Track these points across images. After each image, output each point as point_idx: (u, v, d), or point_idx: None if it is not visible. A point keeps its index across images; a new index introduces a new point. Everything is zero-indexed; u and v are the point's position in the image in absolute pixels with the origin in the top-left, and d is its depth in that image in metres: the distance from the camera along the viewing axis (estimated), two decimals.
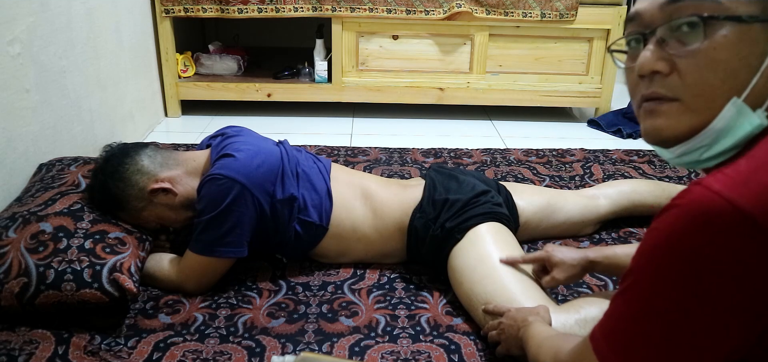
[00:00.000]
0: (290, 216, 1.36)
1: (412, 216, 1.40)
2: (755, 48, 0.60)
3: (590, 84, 2.71)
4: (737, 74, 0.60)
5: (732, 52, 0.60)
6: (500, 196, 1.46)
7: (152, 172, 1.31)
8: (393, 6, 2.51)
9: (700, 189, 0.56)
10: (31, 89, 1.58)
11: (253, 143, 1.34)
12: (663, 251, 0.58)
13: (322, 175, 1.43)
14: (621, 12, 2.58)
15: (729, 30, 0.60)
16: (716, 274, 0.55)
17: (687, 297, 0.57)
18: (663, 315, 0.59)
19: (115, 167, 1.31)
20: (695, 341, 0.58)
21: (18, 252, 1.18)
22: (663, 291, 0.58)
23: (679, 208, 0.57)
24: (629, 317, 0.62)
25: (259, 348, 1.18)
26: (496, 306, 1.19)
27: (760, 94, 0.61)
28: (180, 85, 2.63)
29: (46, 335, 1.16)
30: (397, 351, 1.18)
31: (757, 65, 0.60)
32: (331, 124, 2.63)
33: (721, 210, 0.53)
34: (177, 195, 1.33)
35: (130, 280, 1.20)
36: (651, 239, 0.60)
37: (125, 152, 1.33)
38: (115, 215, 1.33)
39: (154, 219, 1.35)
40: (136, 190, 1.30)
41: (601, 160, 2.21)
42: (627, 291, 0.63)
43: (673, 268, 0.57)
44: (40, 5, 1.61)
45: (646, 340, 0.60)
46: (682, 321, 0.58)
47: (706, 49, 0.61)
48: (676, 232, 0.56)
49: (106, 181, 1.30)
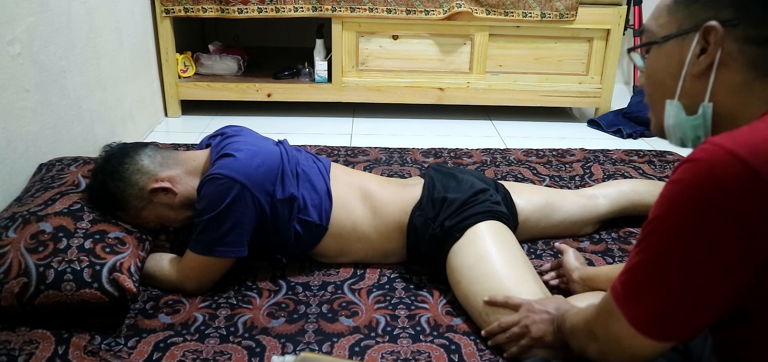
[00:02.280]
0: (290, 216, 1.36)
1: (411, 214, 1.40)
2: (672, 59, 0.76)
3: (590, 84, 2.71)
4: (664, 82, 0.78)
5: (656, 67, 0.79)
6: (499, 195, 1.46)
7: (152, 172, 1.31)
8: (393, 6, 2.51)
9: (709, 145, 0.64)
10: (31, 89, 1.58)
11: (253, 143, 1.34)
12: (677, 201, 0.66)
13: (321, 174, 1.43)
14: (621, 12, 2.58)
15: (654, 51, 0.79)
16: (722, 219, 0.62)
17: (698, 240, 0.64)
18: (676, 258, 0.66)
19: (115, 167, 1.31)
20: (705, 281, 0.65)
21: (18, 252, 1.18)
22: (676, 236, 0.66)
23: (691, 162, 0.65)
24: (645, 263, 0.70)
25: (259, 348, 1.18)
26: (508, 299, 1.16)
27: (693, 93, 0.75)
28: (180, 85, 2.63)
29: (46, 335, 1.16)
30: (397, 351, 1.18)
31: (678, 72, 0.76)
32: (331, 124, 2.63)
33: (726, 161, 0.61)
34: (177, 194, 1.33)
35: (130, 280, 1.20)
36: (666, 191, 0.67)
37: (125, 152, 1.33)
38: (115, 215, 1.33)
39: (154, 219, 1.35)
40: (136, 190, 1.30)
41: (601, 160, 2.21)
42: (643, 240, 0.70)
43: (685, 215, 0.65)
44: (40, 5, 1.61)
45: (660, 282, 0.68)
46: (693, 263, 0.65)
47: (645, 69, 0.82)
48: (688, 182, 0.64)
49: (105, 180, 1.30)
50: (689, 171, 0.65)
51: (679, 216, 0.65)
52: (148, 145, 1.37)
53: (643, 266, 0.70)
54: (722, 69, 0.72)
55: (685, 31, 0.75)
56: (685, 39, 0.75)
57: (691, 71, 0.75)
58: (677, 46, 0.76)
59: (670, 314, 0.68)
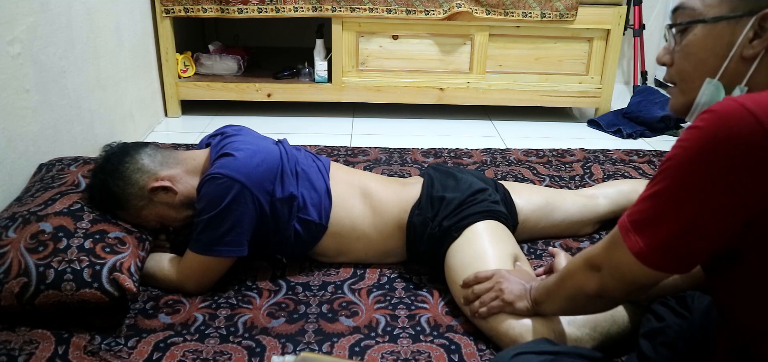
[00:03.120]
0: (290, 215, 1.36)
1: (410, 213, 1.40)
2: (721, 40, 0.79)
3: (590, 84, 2.71)
4: (706, 61, 0.80)
5: (699, 46, 0.81)
6: (498, 195, 1.46)
7: (152, 171, 1.31)
8: (393, 6, 2.51)
9: (728, 100, 0.68)
10: (31, 89, 1.58)
11: (253, 142, 1.34)
12: (689, 144, 0.70)
13: (321, 173, 1.43)
14: (621, 12, 2.58)
15: (699, 30, 0.81)
16: (729, 165, 0.67)
17: (703, 182, 0.69)
18: (681, 196, 0.71)
19: (115, 166, 1.31)
20: (704, 219, 0.70)
21: (18, 252, 1.18)
22: (684, 176, 0.71)
23: (709, 113, 0.69)
24: (652, 198, 0.75)
25: (259, 348, 1.18)
26: (478, 273, 1.22)
27: (734, 74, 0.78)
28: (180, 85, 2.63)
29: (46, 335, 1.16)
30: (397, 351, 1.18)
31: (725, 53, 0.78)
32: (331, 124, 2.63)
33: (740, 116, 0.66)
34: (177, 193, 1.33)
35: (129, 280, 1.20)
36: (683, 136, 0.72)
37: (125, 151, 1.33)
38: (115, 214, 1.33)
39: (154, 218, 1.35)
40: (137, 189, 1.30)
41: (601, 160, 2.21)
42: (655, 178, 0.75)
43: (694, 158, 0.69)
44: (40, 5, 1.61)
45: (665, 217, 0.73)
46: (695, 202, 0.70)
47: (683, 46, 0.83)
48: (702, 129, 0.69)
49: (106, 179, 1.30)
50: (706, 120, 0.68)
51: (690, 159, 0.70)
52: (149, 144, 1.37)
53: (651, 201, 0.75)
54: (766, 54, 0.76)
55: (738, 14, 0.77)
56: (739, 22, 0.77)
57: (739, 53, 0.78)
58: (728, 28, 0.78)
59: (669, 246, 0.74)
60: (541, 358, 0.91)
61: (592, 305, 0.96)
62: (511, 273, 1.20)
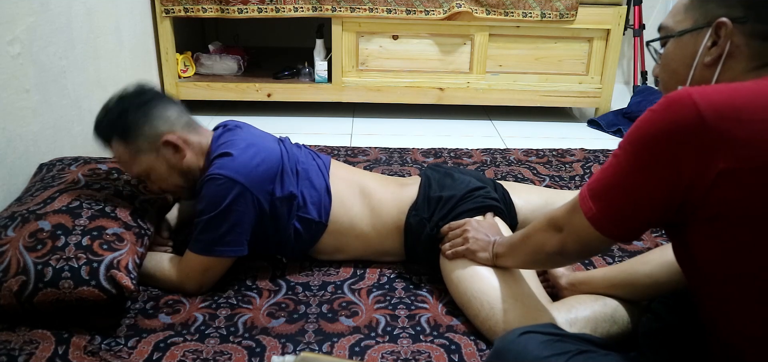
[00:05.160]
0: (289, 214, 1.36)
1: (408, 214, 1.40)
2: (687, 50, 0.88)
3: (590, 84, 2.71)
4: (678, 71, 0.90)
5: (672, 57, 0.91)
6: (496, 194, 1.46)
7: (175, 126, 1.31)
8: (393, 6, 2.51)
9: (681, 90, 0.76)
10: (31, 89, 1.58)
11: (254, 142, 1.34)
12: (638, 125, 0.80)
13: (321, 171, 1.43)
14: (621, 12, 2.58)
15: (670, 44, 0.91)
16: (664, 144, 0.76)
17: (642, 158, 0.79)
18: (626, 169, 0.81)
19: (145, 102, 1.29)
20: (642, 191, 0.80)
21: (16, 250, 1.17)
22: (629, 151, 0.81)
23: (664, 99, 0.77)
24: (604, 170, 0.85)
25: (259, 348, 1.18)
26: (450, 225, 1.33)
27: (702, 80, 0.86)
28: (180, 85, 2.63)
29: (46, 335, 1.15)
30: (397, 351, 1.18)
31: (691, 62, 0.87)
32: (331, 124, 2.63)
33: (683, 103, 0.74)
34: (184, 158, 1.32)
35: (127, 278, 1.19)
36: (640, 118, 0.80)
37: (159, 95, 1.33)
38: (110, 142, 1.30)
39: (143, 168, 1.32)
40: (152, 133, 1.29)
41: (601, 160, 2.21)
42: (613, 153, 0.84)
43: (639, 137, 0.79)
44: (40, 5, 1.61)
45: (612, 188, 0.84)
46: (635, 175, 0.80)
47: (662, 60, 0.93)
48: (651, 111, 0.78)
49: (128, 108, 1.28)
50: (658, 104, 0.77)
51: (640, 137, 0.79)
52: (179, 103, 1.36)
53: (606, 172, 0.85)
54: (729, 59, 0.83)
55: (699, 26, 0.86)
56: (700, 33, 0.86)
57: (702, 61, 0.86)
58: (692, 39, 0.87)
59: (617, 214, 0.84)
60: (547, 337, 0.94)
61: (551, 261, 1.10)
62: (481, 224, 1.30)
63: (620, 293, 1.20)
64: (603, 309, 1.18)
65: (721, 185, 0.73)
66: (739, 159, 0.71)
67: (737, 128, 0.71)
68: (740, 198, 0.73)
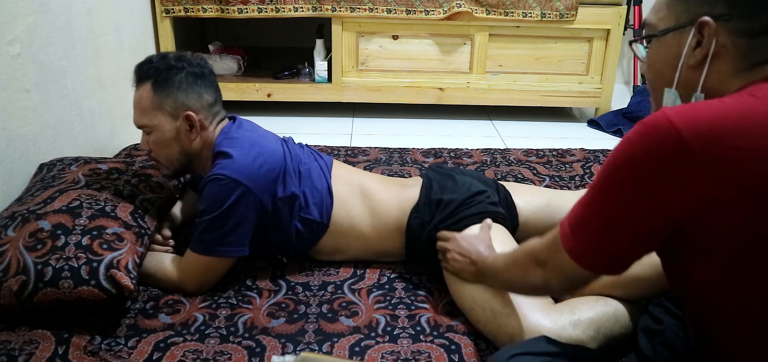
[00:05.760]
0: (291, 215, 1.36)
1: (409, 216, 1.40)
2: (670, 51, 0.82)
3: (590, 84, 2.71)
4: (663, 72, 0.84)
5: (656, 57, 0.85)
6: (498, 196, 1.45)
7: (202, 109, 1.33)
8: (393, 6, 2.51)
9: (659, 113, 0.71)
10: (31, 89, 1.58)
11: (257, 142, 1.34)
12: (616, 154, 0.75)
13: (323, 172, 1.43)
14: (621, 12, 2.58)
15: (654, 43, 0.85)
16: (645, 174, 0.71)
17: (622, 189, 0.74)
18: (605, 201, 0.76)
19: (198, 74, 1.32)
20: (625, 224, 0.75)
21: (16, 250, 1.17)
22: (608, 183, 0.76)
23: (640, 124, 0.72)
24: (584, 204, 0.80)
25: (259, 348, 1.18)
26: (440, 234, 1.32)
27: (688, 82, 0.81)
28: None
29: (46, 335, 1.15)
30: (398, 351, 1.18)
31: (675, 63, 0.81)
32: (331, 124, 2.63)
33: (662, 127, 0.69)
34: (192, 141, 1.33)
35: (127, 277, 1.20)
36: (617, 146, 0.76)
37: (211, 75, 1.36)
38: (142, 83, 1.31)
39: (152, 125, 1.31)
40: (183, 100, 1.30)
41: (601, 160, 2.21)
42: (591, 185, 0.80)
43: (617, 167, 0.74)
44: (40, 5, 1.61)
45: (592, 221, 0.79)
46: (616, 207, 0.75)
47: (647, 59, 0.88)
48: (628, 140, 0.73)
49: (185, 68, 1.31)
50: (636, 131, 0.72)
51: (617, 167, 0.74)
52: (219, 91, 1.39)
53: (585, 205, 0.80)
54: (716, 60, 0.78)
55: (682, 24, 0.80)
56: (683, 32, 0.80)
57: (687, 62, 0.80)
58: (675, 39, 0.81)
59: (597, 248, 0.79)
60: (538, 359, 0.91)
61: (535, 293, 1.07)
62: (467, 239, 1.25)
63: (620, 293, 1.20)
64: (605, 309, 1.18)
65: (709, 213, 0.68)
66: (726, 185, 0.67)
67: (722, 152, 0.66)
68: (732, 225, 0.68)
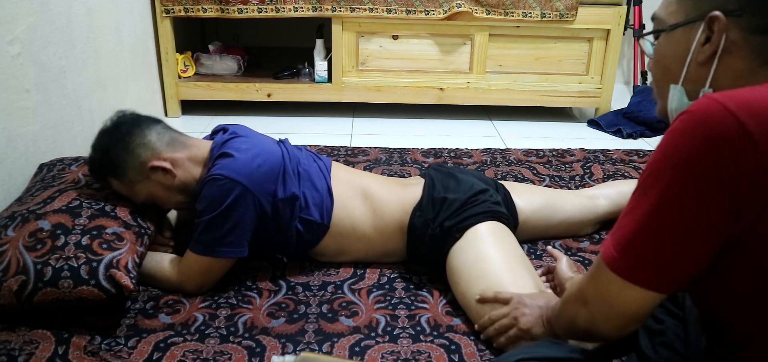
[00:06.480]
0: (292, 215, 1.36)
1: (411, 215, 1.40)
2: (679, 46, 0.79)
3: (590, 84, 2.71)
4: (670, 68, 0.81)
5: (664, 52, 0.82)
6: (499, 195, 1.46)
7: (157, 149, 1.31)
8: (393, 6, 2.51)
9: (706, 99, 0.66)
10: (31, 89, 1.58)
11: (255, 143, 1.34)
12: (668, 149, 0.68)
13: (322, 173, 1.43)
14: (621, 12, 2.58)
15: (662, 38, 0.82)
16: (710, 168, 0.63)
17: (685, 186, 0.66)
18: (663, 203, 0.67)
19: (123, 135, 1.30)
20: (689, 226, 0.66)
21: (16, 250, 1.17)
22: (665, 183, 0.67)
23: (687, 114, 0.66)
24: (633, 211, 0.71)
25: (259, 348, 1.18)
26: (498, 294, 1.18)
27: (696, 79, 0.78)
28: (180, 85, 2.63)
29: (46, 335, 1.15)
30: (398, 351, 1.18)
31: (684, 59, 0.78)
32: (331, 124, 2.63)
33: (718, 114, 0.63)
34: (175, 177, 1.32)
35: (126, 277, 1.19)
36: (662, 141, 0.69)
37: (136, 122, 1.33)
38: (108, 181, 1.33)
39: (145, 195, 1.34)
40: (137, 163, 1.30)
41: (601, 160, 2.21)
42: (637, 189, 0.72)
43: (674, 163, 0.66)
44: (40, 5, 1.61)
45: (647, 228, 0.69)
46: (678, 208, 0.66)
47: (653, 54, 0.85)
48: (681, 131, 0.66)
49: (110, 145, 1.30)
50: (684, 121, 0.66)
51: (671, 163, 0.67)
52: (160, 122, 1.37)
53: (628, 218, 0.72)
54: (726, 56, 0.74)
55: (692, 19, 0.77)
56: (693, 27, 0.77)
57: (695, 58, 0.77)
58: (684, 34, 0.79)
59: (655, 259, 0.69)
60: None
61: (589, 339, 0.89)
62: (530, 298, 1.15)
63: None
64: None
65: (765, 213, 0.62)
66: None
67: None
68: None
